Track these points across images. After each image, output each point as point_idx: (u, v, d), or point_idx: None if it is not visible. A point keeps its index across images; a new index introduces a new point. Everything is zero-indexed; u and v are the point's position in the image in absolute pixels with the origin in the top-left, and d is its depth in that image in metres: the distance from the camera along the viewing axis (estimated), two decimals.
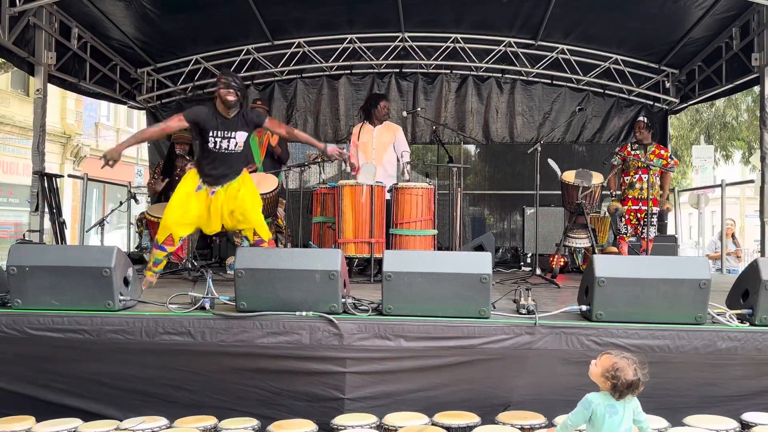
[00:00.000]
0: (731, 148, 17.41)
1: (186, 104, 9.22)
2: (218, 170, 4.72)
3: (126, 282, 3.84)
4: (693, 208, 16.51)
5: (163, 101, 9.17)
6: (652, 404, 2.93)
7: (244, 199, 4.79)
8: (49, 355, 3.59)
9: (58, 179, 7.25)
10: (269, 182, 6.12)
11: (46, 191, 6.80)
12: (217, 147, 4.66)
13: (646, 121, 6.62)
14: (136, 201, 7.42)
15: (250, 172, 6.37)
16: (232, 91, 4.55)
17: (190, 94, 9.12)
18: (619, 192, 6.66)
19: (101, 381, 3.62)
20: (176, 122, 4.63)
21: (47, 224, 6.91)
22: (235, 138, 4.68)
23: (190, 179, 4.80)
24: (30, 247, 4.14)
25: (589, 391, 2.89)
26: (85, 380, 3.62)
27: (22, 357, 3.60)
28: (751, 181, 10.14)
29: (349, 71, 9.03)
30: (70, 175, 12.48)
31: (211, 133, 4.64)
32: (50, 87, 7.18)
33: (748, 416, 3.35)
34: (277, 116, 8.60)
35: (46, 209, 6.83)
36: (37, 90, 6.86)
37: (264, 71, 8.86)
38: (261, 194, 5.97)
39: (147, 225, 6.59)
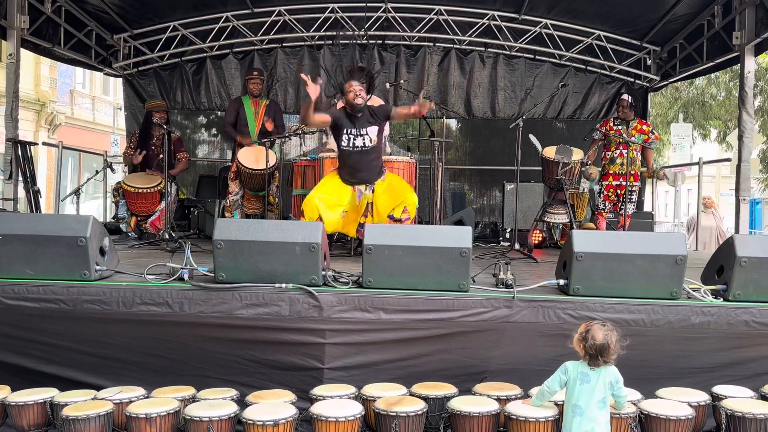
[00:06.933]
0: (708, 127, 17.57)
1: (163, 72, 9.07)
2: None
3: (102, 252, 3.80)
4: (669, 186, 16.71)
5: (140, 69, 8.98)
6: (626, 376, 2.99)
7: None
8: (26, 323, 3.55)
9: (32, 147, 7.11)
10: (269, 157, 6.10)
11: (20, 159, 6.66)
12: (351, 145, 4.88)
13: (629, 99, 6.60)
14: (113, 170, 7.28)
15: (246, 145, 6.33)
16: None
17: (167, 62, 8.94)
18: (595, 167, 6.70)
19: (79, 349, 3.61)
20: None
21: (21, 193, 6.79)
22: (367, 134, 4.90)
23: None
24: (3, 216, 4.06)
25: (564, 362, 2.96)
26: (63, 348, 3.60)
27: None
28: (728, 160, 10.25)
29: (330, 42, 8.91)
30: (44, 143, 12.25)
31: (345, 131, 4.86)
32: (23, 52, 6.99)
33: (719, 389, 3.44)
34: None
35: (20, 177, 6.70)
36: (10, 55, 6.67)
37: (243, 39, 8.70)
38: (260, 170, 5.94)
39: (123, 194, 6.48)
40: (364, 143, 4.89)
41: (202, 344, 3.59)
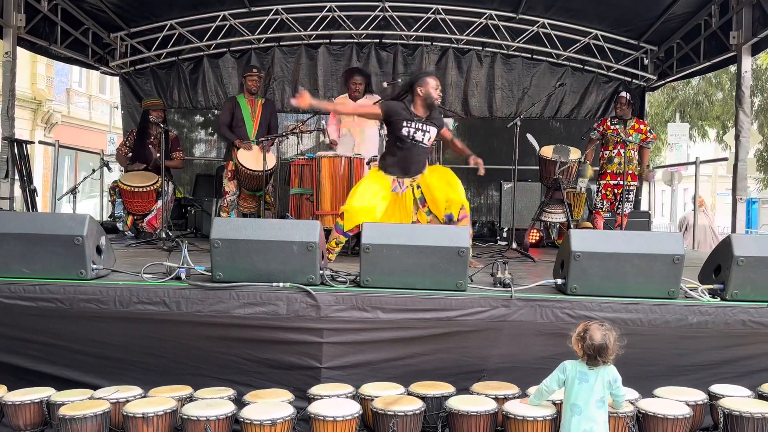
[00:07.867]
0: (706, 127, 17.62)
1: (160, 70, 9.05)
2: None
3: (99, 251, 3.78)
4: (666, 185, 16.75)
5: (136, 67, 8.96)
6: (624, 375, 2.99)
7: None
8: (22, 323, 3.54)
9: (28, 145, 7.09)
10: (269, 159, 6.11)
11: (16, 158, 6.64)
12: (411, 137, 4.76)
13: (627, 97, 6.60)
14: (109, 169, 7.27)
15: (245, 148, 6.33)
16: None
17: (164, 61, 8.92)
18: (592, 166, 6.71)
19: (75, 348, 3.59)
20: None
21: (17, 192, 6.76)
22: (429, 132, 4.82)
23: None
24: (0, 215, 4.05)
25: (562, 361, 2.96)
26: (60, 347, 3.59)
27: None
28: (725, 159, 10.28)
29: (328, 41, 8.89)
30: (41, 142, 12.21)
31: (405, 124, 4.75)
32: (20, 50, 6.97)
33: (716, 388, 3.44)
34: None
35: (16, 176, 6.68)
36: (6, 53, 6.65)
37: (241, 38, 8.69)
38: (269, 170, 5.96)
39: (120, 193, 6.46)
40: (422, 139, 4.77)
41: (200, 343, 3.58)
